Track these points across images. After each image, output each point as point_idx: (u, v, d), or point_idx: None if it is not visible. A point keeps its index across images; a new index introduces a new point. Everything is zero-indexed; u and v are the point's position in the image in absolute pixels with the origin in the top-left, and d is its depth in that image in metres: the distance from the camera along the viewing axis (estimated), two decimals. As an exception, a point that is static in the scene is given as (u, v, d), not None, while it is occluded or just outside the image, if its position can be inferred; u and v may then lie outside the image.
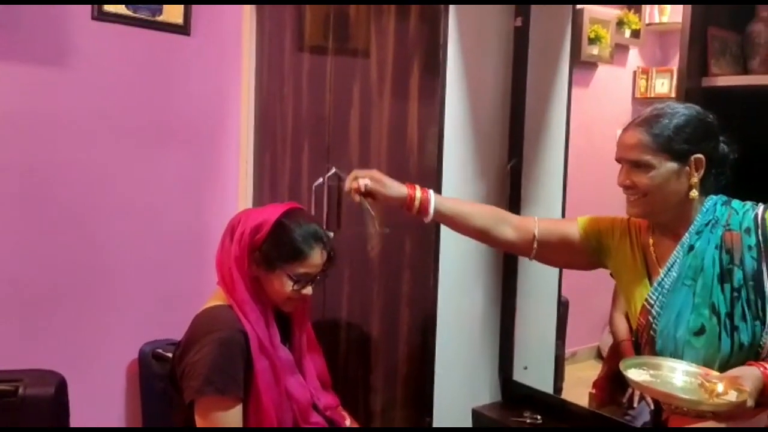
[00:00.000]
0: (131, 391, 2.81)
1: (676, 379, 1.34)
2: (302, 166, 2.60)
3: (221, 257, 1.64)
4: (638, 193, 1.41)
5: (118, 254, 2.76)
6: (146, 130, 2.78)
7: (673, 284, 1.40)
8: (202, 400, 1.51)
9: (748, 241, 1.35)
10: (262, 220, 1.62)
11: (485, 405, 2.26)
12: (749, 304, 1.32)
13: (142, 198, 2.80)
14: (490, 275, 2.26)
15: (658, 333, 1.41)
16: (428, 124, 2.09)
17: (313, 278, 1.65)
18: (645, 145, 1.38)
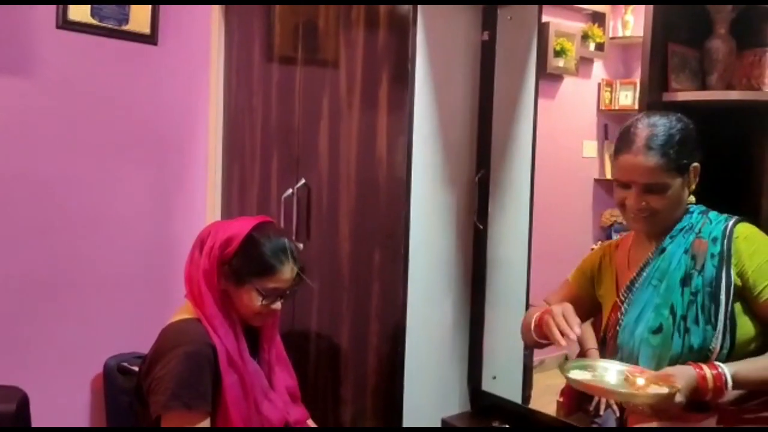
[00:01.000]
0: (96, 405, 2.76)
1: (610, 377, 1.41)
2: (271, 177, 2.59)
3: (190, 270, 1.62)
4: (650, 213, 1.43)
5: (83, 266, 2.71)
6: (113, 140, 2.75)
7: (641, 283, 1.45)
8: (168, 415, 1.48)
9: (713, 249, 1.39)
10: (233, 233, 1.60)
11: (454, 415, 2.27)
12: (703, 309, 1.36)
13: (108, 209, 2.76)
14: (459, 286, 2.27)
15: (622, 328, 1.46)
16: (397, 135, 2.11)
17: (283, 293, 1.64)
18: (661, 168, 1.39)
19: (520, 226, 2.31)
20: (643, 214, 1.43)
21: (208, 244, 1.59)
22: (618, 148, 1.45)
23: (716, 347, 1.34)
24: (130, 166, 2.80)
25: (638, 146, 1.40)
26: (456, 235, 2.25)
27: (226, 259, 1.58)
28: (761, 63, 1.68)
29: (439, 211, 2.19)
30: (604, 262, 1.60)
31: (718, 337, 1.34)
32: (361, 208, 2.22)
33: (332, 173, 2.32)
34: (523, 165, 2.30)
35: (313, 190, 2.39)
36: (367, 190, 2.20)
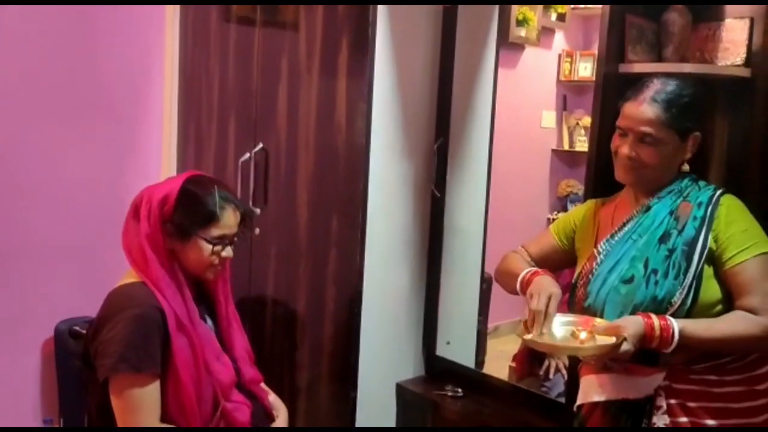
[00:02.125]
0: (47, 369, 2.72)
1: (556, 330, 1.45)
2: (228, 141, 2.55)
3: (128, 239, 1.60)
4: (640, 165, 1.45)
5: (32, 229, 2.64)
6: (63, 99, 2.65)
7: (621, 237, 1.49)
8: (116, 377, 1.47)
9: (697, 212, 1.43)
10: (167, 191, 1.58)
11: (409, 379, 2.30)
12: (675, 265, 1.40)
13: (58, 171, 2.68)
14: (415, 253, 2.29)
15: (594, 276, 1.49)
16: (357, 102, 2.09)
17: (231, 240, 1.63)
18: (660, 121, 1.41)
19: (478, 195, 2.33)
20: (633, 164, 1.45)
21: (144, 208, 1.57)
22: (626, 97, 1.48)
23: (677, 302, 1.38)
24: (80, 127, 2.71)
25: (644, 96, 1.43)
26: (414, 203, 2.26)
27: (166, 217, 1.56)
28: (715, 37, 1.70)
29: (398, 178, 2.20)
30: (587, 215, 1.62)
31: (682, 293, 1.38)
32: (320, 173, 2.21)
33: (291, 138, 2.29)
34: (482, 134, 2.31)
35: (270, 155, 2.37)
36: (325, 156, 2.19)
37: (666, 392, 1.42)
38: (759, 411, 1.41)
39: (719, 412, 1.40)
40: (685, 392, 1.42)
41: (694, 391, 1.41)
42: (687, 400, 1.41)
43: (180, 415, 1.52)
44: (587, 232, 1.61)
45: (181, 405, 1.52)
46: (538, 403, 2.06)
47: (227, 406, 1.59)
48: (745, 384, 1.42)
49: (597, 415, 1.49)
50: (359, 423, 2.15)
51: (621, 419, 1.46)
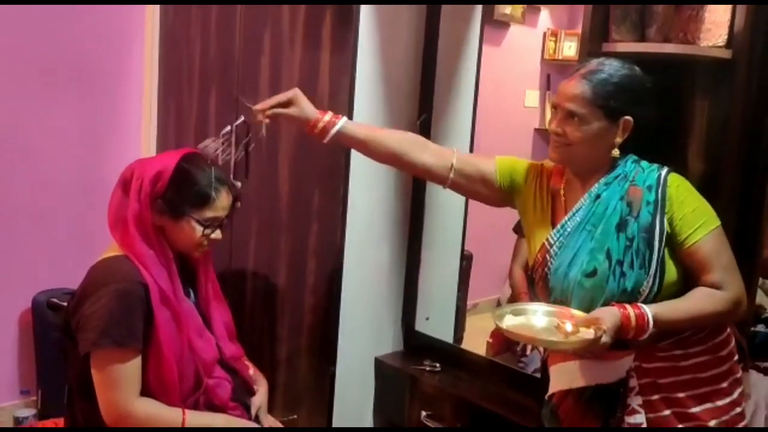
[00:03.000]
0: (25, 341, 2.70)
1: (538, 320, 1.46)
2: (209, 114, 2.52)
3: (114, 212, 1.57)
4: (565, 142, 1.45)
5: (9, 200, 2.61)
6: (41, 69, 2.61)
7: (575, 228, 1.48)
8: (98, 352, 1.47)
9: (648, 197, 1.44)
10: (161, 167, 1.55)
11: (387, 354, 2.33)
12: (638, 254, 1.41)
13: (36, 141, 2.64)
14: (396, 228, 2.30)
15: (552, 271, 1.49)
16: (340, 76, 2.07)
17: (221, 222, 1.62)
18: (585, 98, 1.42)
19: (460, 172, 2.33)
20: (559, 140, 1.46)
21: (135, 182, 1.54)
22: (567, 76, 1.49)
23: (645, 290, 1.40)
24: (60, 96, 2.67)
25: (577, 73, 1.45)
26: (396, 178, 2.26)
27: (158, 194, 1.54)
28: (698, 18, 1.70)
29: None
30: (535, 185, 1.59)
31: (649, 280, 1.40)
32: (302, 147, 2.20)
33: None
34: (465, 111, 2.31)
35: (252, 128, 2.35)
36: (307, 129, 2.17)
37: (637, 373, 1.44)
38: (725, 375, 1.46)
39: (689, 383, 1.44)
40: (654, 370, 1.44)
41: (663, 368, 1.44)
42: (657, 378, 1.44)
43: (160, 391, 1.52)
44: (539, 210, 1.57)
45: (162, 380, 1.52)
46: (515, 378, 2.09)
47: (209, 383, 1.60)
48: (710, 353, 1.45)
49: (569, 402, 1.50)
50: (338, 396, 2.17)
51: (594, 405, 1.47)
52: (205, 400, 1.60)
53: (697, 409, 1.43)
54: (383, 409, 2.31)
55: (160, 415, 1.51)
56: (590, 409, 1.48)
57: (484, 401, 2.00)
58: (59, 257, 2.71)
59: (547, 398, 1.57)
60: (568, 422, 1.50)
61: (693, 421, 1.42)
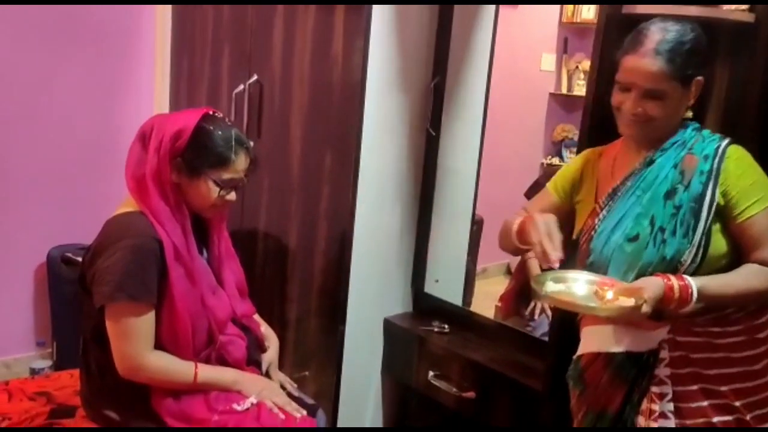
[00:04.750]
0: (39, 295, 2.76)
1: (579, 288, 1.44)
2: (222, 73, 2.51)
3: (132, 167, 1.58)
4: (645, 119, 1.41)
5: (23, 156, 2.63)
6: (54, 28, 2.60)
7: (625, 192, 1.46)
8: (113, 305, 1.49)
9: (703, 166, 1.40)
10: (182, 126, 1.55)
11: (397, 315, 2.35)
12: (683, 223, 1.38)
13: (49, 99, 2.65)
14: (408, 191, 2.30)
15: (596, 234, 1.47)
16: (354, 36, 2.05)
17: (238, 184, 1.63)
18: (664, 74, 1.36)
19: (472, 136, 2.32)
20: (639, 119, 1.41)
21: (155, 138, 1.54)
22: (625, 49, 1.41)
23: (687, 260, 1.37)
24: (73, 55, 2.67)
25: (646, 48, 1.37)
26: (408, 141, 2.25)
27: (177, 151, 1.54)
28: (721, -20, 1.67)
29: (393, 116, 2.18)
30: (587, 169, 1.58)
31: (692, 251, 1.37)
32: (314, 108, 2.19)
33: (286, 71, 2.26)
34: (480, 74, 2.29)
35: (265, 88, 2.34)
36: (320, 90, 2.16)
37: (669, 345, 1.42)
38: (758, 359, 1.43)
39: (721, 361, 1.41)
40: (688, 344, 1.42)
41: (696, 343, 1.41)
42: (690, 352, 1.41)
43: (173, 345, 1.55)
44: (586, 185, 1.57)
45: (175, 335, 1.54)
46: (523, 341, 2.11)
47: (222, 339, 1.62)
48: (746, 333, 1.42)
49: (597, 366, 1.49)
50: (347, 355, 2.21)
51: (622, 371, 1.45)
52: (217, 355, 1.62)
53: (725, 387, 1.40)
54: (391, 369, 2.35)
55: (173, 368, 1.54)
56: (617, 376, 1.46)
57: (491, 363, 2.02)
58: (73, 213, 2.75)
59: (575, 358, 1.55)
60: (594, 386, 1.49)
61: (720, 398, 1.40)
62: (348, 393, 2.24)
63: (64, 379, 1.85)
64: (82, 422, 1.64)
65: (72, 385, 1.79)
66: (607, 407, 1.48)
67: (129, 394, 1.56)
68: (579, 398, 1.54)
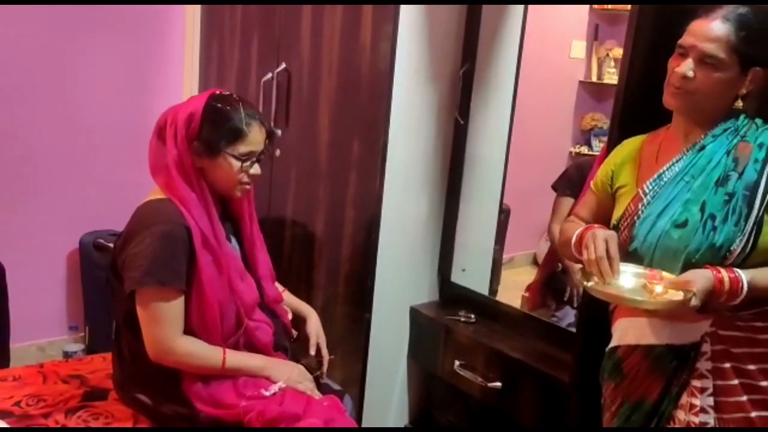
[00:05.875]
0: (72, 279, 2.81)
1: (626, 281, 1.40)
2: (251, 60, 2.52)
3: (153, 160, 1.60)
4: (691, 89, 1.37)
5: (56, 142, 2.67)
6: (86, 15, 2.63)
7: (672, 178, 1.43)
8: (142, 290, 1.52)
9: (758, 154, 1.37)
10: (192, 109, 1.57)
11: (423, 303, 2.35)
12: (735, 211, 1.35)
13: (82, 86, 2.69)
14: (435, 179, 2.29)
15: (640, 219, 1.43)
16: (382, 23, 2.04)
17: (258, 157, 1.64)
18: (728, 42, 1.32)
19: (501, 124, 2.30)
20: (685, 87, 1.37)
21: (170, 128, 1.57)
22: (698, 15, 1.38)
23: (737, 249, 1.33)
24: (103, 40, 2.69)
25: (716, 14, 1.34)
26: (436, 129, 2.24)
27: (193, 135, 1.56)
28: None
29: (421, 103, 2.17)
30: (628, 156, 1.54)
31: (743, 239, 1.33)
32: (342, 96, 2.19)
33: (314, 59, 2.26)
34: (509, 61, 2.26)
35: (293, 76, 2.34)
36: (348, 78, 2.16)
37: (711, 338, 1.39)
38: None
39: (762, 357, 1.38)
40: (730, 338, 1.39)
41: (739, 337, 1.38)
42: (731, 346, 1.38)
43: (202, 330, 1.57)
44: (627, 171, 1.53)
45: (204, 320, 1.56)
46: (549, 331, 2.09)
47: (250, 324, 1.64)
48: None
49: (635, 357, 1.46)
50: (373, 344, 2.22)
51: (661, 364, 1.43)
52: (245, 340, 1.64)
53: (765, 383, 1.37)
54: (417, 357, 2.35)
55: (202, 353, 1.56)
56: (657, 368, 1.43)
57: (517, 353, 2.02)
58: (105, 199, 2.79)
59: (609, 350, 1.53)
60: (632, 377, 1.47)
61: (759, 394, 1.37)
62: (374, 380, 2.25)
63: (96, 363, 1.89)
64: (115, 405, 1.67)
65: (104, 369, 1.82)
66: (644, 398, 1.45)
67: (160, 379, 1.58)
68: (614, 390, 1.51)
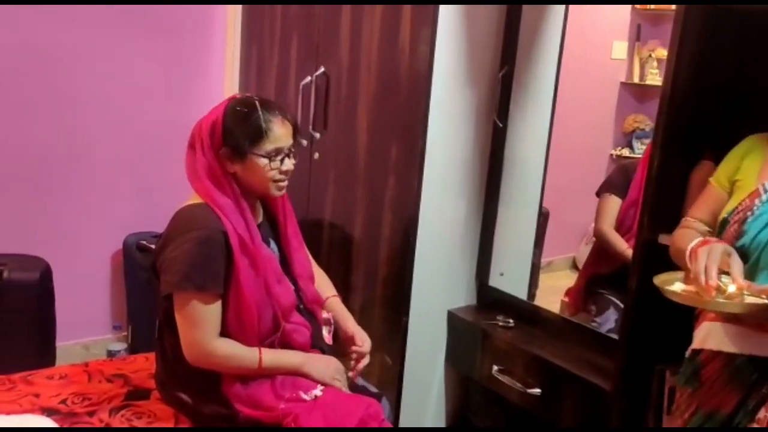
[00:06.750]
0: (115, 279, 2.87)
1: None
2: (290, 63, 2.54)
3: (189, 171, 1.64)
4: None
5: (100, 144, 2.73)
6: (130, 17, 2.68)
7: None
8: (180, 294, 1.54)
9: None
10: (213, 118, 1.61)
11: (460, 308, 2.33)
12: None
13: (122, 88, 2.74)
14: (474, 183, 2.27)
15: (755, 215, 1.38)
16: (421, 26, 2.03)
17: (288, 152, 1.64)
18: None
19: (540, 127, 2.27)
20: None
21: (197, 139, 1.61)
22: None
23: None
24: (147, 43, 2.75)
25: None
26: (475, 132, 2.22)
27: (219, 142, 1.59)
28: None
29: (460, 106, 2.16)
30: (752, 151, 1.48)
31: None
32: (381, 99, 2.19)
33: (352, 62, 2.27)
34: (549, 63, 2.23)
35: (332, 79, 2.35)
36: (387, 81, 2.16)
37: None
38: None
39: None
40: None
41: None
42: None
43: (239, 332, 1.58)
44: (749, 165, 1.46)
45: (241, 323, 1.58)
46: (590, 337, 2.06)
47: (287, 327, 1.65)
48: None
49: (715, 365, 1.42)
50: (410, 348, 2.21)
51: (741, 375, 1.38)
52: (281, 343, 1.65)
53: None
54: (455, 361, 2.34)
55: (238, 354, 1.57)
56: (736, 379, 1.39)
57: (558, 359, 1.99)
58: (147, 202, 2.84)
59: (689, 355, 1.48)
60: (709, 385, 1.43)
61: None
62: (411, 383, 2.25)
63: (139, 362, 1.92)
64: (157, 404, 1.70)
65: (147, 368, 1.85)
66: (719, 408, 1.41)
67: (200, 379, 1.60)
68: (690, 396, 1.47)
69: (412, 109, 2.09)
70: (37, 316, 2.45)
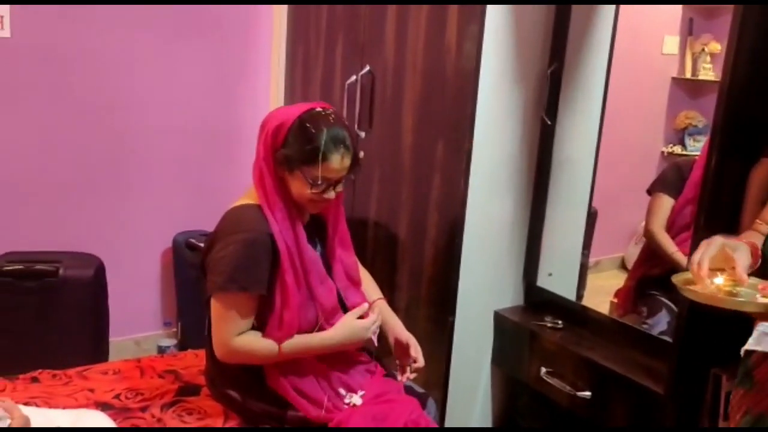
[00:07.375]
0: (165, 276, 2.93)
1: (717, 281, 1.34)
2: (336, 62, 2.55)
3: (256, 156, 1.64)
4: None
5: (151, 144, 2.80)
6: (176, 18, 2.73)
7: None
8: (225, 295, 1.56)
9: None
10: (283, 119, 1.58)
11: (507, 308, 2.31)
12: None
13: (171, 90, 2.79)
14: (521, 181, 2.24)
15: None
16: (468, 23, 2.02)
17: (334, 183, 1.60)
18: None
19: (590, 125, 2.23)
20: None
21: (263, 131, 1.60)
22: None
23: None
24: (194, 44, 2.79)
25: None
26: (522, 130, 2.19)
27: (277, 145, 1.58)
28: None
29: (507, 104, 2.13)
30: None
31: None
32: (426, 98, 2.18)
33: (398, 61, 2.26)
34: (599, 59, 2.19)
35: (377, 78, 2.35)
36: (433, 79, 2.15)
37: None
38: None
39: None
40: None
41: None
42: None
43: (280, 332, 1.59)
44: None
45: (283, 323, 1.59)
46: (641, 339, 2.00)
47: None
48: None
49: (765, 369, 1.38)
50: (456, 348, 2.19)
51: None
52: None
53: None
54: (502, 363, 2.31)
55: (256, 344, 1.58)
56: None
57: (608, 362, 1.94)
58: (197, 201, 2.89)
59: (744, 354, 1.43)
60: (760, 386, 1.38)
61: None
62: (457, 384, 2.23)
63: (189, 359, 1.96)
64: (206, 401, 1.72)
65: (197, 365, 1.89)
66: None
67: (247, 376, 1.63)
68: (743, 397, 1.42)
69: (458, 108, 2.07)
70: (91, 312, 2.52)
